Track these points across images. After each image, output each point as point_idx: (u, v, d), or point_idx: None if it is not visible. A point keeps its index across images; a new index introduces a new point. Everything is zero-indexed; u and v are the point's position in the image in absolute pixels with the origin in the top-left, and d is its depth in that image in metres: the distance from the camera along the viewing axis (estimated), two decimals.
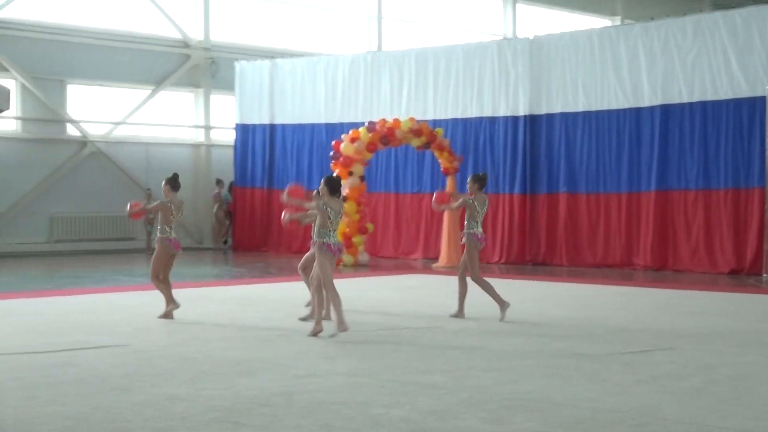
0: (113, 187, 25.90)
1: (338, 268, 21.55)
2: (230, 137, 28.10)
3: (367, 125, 22.36)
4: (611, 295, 15.96)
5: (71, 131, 26.16)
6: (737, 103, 19.83)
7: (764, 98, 19.28)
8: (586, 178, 21.67)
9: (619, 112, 21.23)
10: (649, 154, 20.88)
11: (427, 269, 21.13)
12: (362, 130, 22.19)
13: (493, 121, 22.95)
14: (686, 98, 20.39)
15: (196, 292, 16.22)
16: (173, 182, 12.84)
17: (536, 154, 22.36)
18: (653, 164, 20.78)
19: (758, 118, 19.49)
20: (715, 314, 13.36)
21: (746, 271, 19.49)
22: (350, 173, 22.03)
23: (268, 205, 26.39)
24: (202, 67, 28.04)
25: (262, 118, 26.96)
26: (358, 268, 21.63)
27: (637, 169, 21.04)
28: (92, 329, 11.60)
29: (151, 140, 27.29)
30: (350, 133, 22.41)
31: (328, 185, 11.32)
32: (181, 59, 27.91)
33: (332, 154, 22.50)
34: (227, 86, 27.93)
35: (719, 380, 8.53)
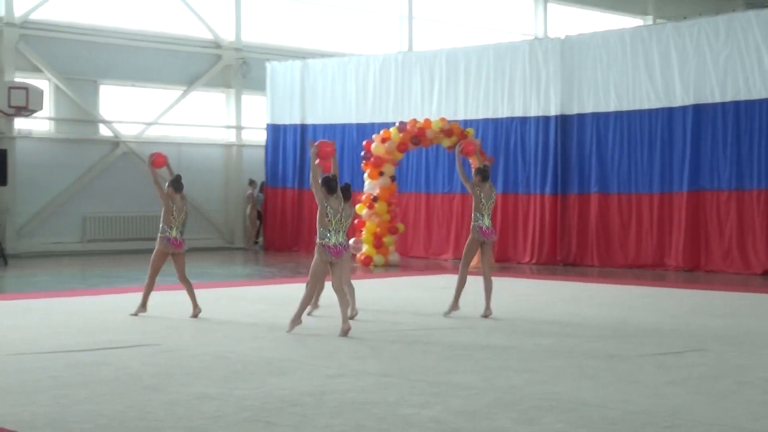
0: (145, 187, 25.71)
1: (369, 268, 21.62)
2: (261, 137, 28.17)
3: (398, 125, 22.36)
4: (643, 296, 15.86)
5: (104, 132, 26.32)
6: None
7: None
8: (617, 178, 21.55)
9: (651, 112, 21.09)
10: (681, 154, 20.75)
11: (457, 269, 21.01)
12: (393, 130, 22.20)
13: (524, 121, 22.88)
14: (719, 98, 20.23)
15: (227, 291, 16.33)
16: (175, 183, 13.14)
17: (567, 154, 22.26)
18: (685, 164, 20.64)
19: None
20: (747, 315, 13.26)
21: None
22: (381, 173, 22.06)
23: (298, 205, 26.45)
24: (233, 67, 28.14)
25: (293, 118, 27.00)
26: (388, 268, 21.64)
27: (669, 169, 20.91)
28: (124, 328, 11.68)
29: (182, 140, 27.40)
30: (381, 133, 22.44)
31: (324, 185, 11.29)
32: (212, 60, 28.02)
33: (363, 154, 22.53)
34: (258, 86, 28.01)
35: (752, 382, 8.46)
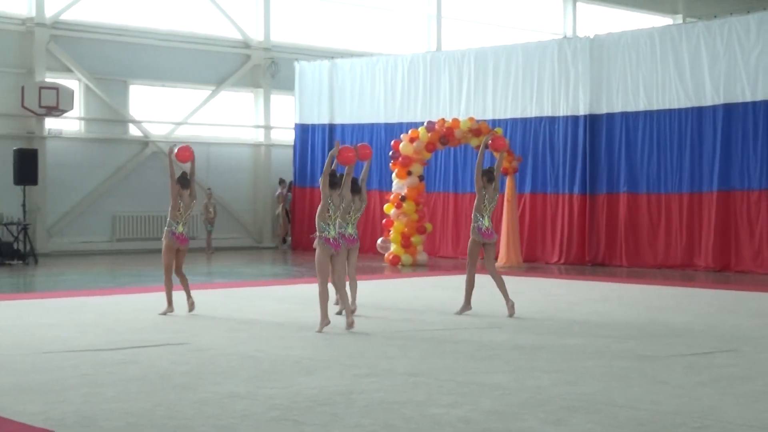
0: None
1: (397, 267, 21.62)
2: (290, 137, 28.22)
3: (426, 125, 22.34)
4: (672, 296, 15.76)
5: (133, 131, 26.46)
6: None
7: None
8: (646, 178, 21.45)
9: (680, 111, 20.97)
10: (711, 153, 20.62)
11: (485, 269, 20.96)
12: (421, 129, 22.19)
13: (552, 120, 22.81)
14: (749, 97, 20.11)
15: (255, 291, 16.39)
16: (182, 180, 13.36)
17: (596, 154, 22.17)
18: (715, 164, 20.52)
19: None
20: None
21: None
22: (409, 173, 22.05)
23: None
24: (262, 67, 28.21)
25: (321, 118, 27.03)
26: (416, 267, 21.63)
27: (698, 169, 20.79)
28: (153, 327, 11.72)
29: (211, 140, 27.52)
30: (409, 132, 22.44)
31: (323, 179, 11.46)
32: (241, 60, 28.11)
33: (391, 153, 22.52)
34: (287, 86, 28.06)
35: None
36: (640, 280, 18.58)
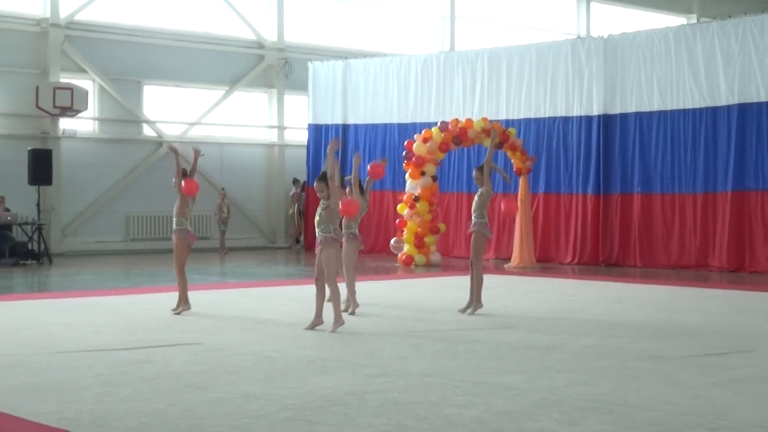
0: None
1: (410, 267, 21.62)
2: (303, 137, 28.25)
3: (439, 125, 22.34)
4: (686, 296, 15.71)
5: (147, 131, 26.52)
6: None
7: None
8: (660, 178, 21.39)
9: (694, 111, 20.91)
10: (725, 153, 20.56)
11: (499, 269, 21.03)
12: (435, 129, 22.18)
13: (566, 120, 22.77)
14: (764, 97, 20.04)
15: (269, 291, 16.37)
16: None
17: (610, 154, 22.12)
18: (730, 164, 20.45)
19: None
20: None
21: None
22: (422, 173, 22.04)
23: None
24: (275, 67, 28.24)
25: (334, 118, 27.04)
26: (429, 268, 21.62)
27: (713, 169, 20.72)
28: (167, 327, 11.72)
29: (225, 140, 27.56)
30: (423, 132, 22.44)
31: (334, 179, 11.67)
32: (255, 60, 28.14)
33: (405, 153, 22.53)
34: (300, 86, 28.09)
35: None
36: (653, 280, 18.51)
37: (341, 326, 11.36)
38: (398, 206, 22.70)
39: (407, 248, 22.13)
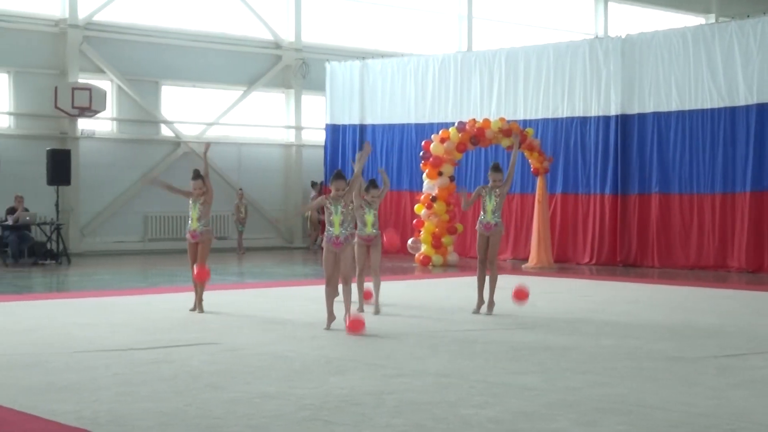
0: None
1: (428, 268, 21.60)
2: (320, 137, 28.26)
3: (457, 125, 22.31)
4: (704, 297, 15.63)
5: (165, 132, 26.59)
6: None
7: None
8: (679, 178, 21.31)
9: (713, 111, 20.83)
10: (744, 154, 20.47)
11: (516, 270, 20.99)
12: (452, 130, 22.15)
13: (584, 121, 22.71)
14: None
15: (286, 291, 16.38)
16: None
17: (628, 154, 22.05)
18: (748, 164, 20.36)
19: None
20: None
21: None
22: (440, 173, 22.01)
23: None
24: (293, 67, 28.27)
25: (352, 118, 27.04)
26: (447, 268, 21.59)
27: (731, 169, 20.64)
28: (184, 327, 11.73)
29: (242, 141, 27.61)
30: (440, 133, 22.41)
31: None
32: (272, 60, 28.18)
33: (422, 154, 22.50)
34: (318, 87, 28.10)
35: None
36: (672, 281, 18.46)
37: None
38: (415, 206, 22.69)
39: (424, 248, 22.11)
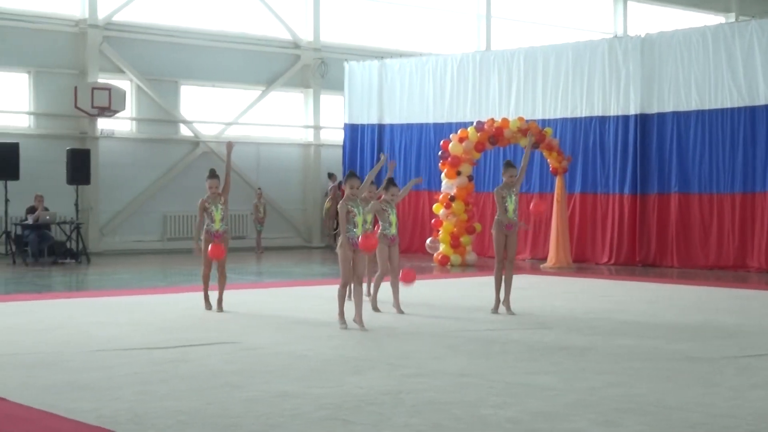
0: None
1: (446, 267, 21.57)
2: (339, 137, 28.23)
3: (475, 125, 22.25)
4: (724, 297, 15.54)
5: (184, 131, 26.65)
6: None
7: None
8: (698, 178, 21.21)
9: (733, 110, 20.71)
10: (764, 153, 20.34)
11: (535, 269, 20.93)
12: (471, 129, 22.09)
13: (603, 120, 22.62)
14: None
15: (305, 290, 16.38)
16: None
17: (647, 153, 21.94)
18: None
19: None
20: None
21: None
22: (458, 173, 21.96)
23: None
24: (312, 67, 28.28)
25: (370, 117, 27.00)
26: (465, 268, 21.52)
27: (751, 168, 20.52)
28: (203, 326, 11.75)
29: (261, 140, 27.64)
30: (459, 132, 22.34)
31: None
32: (291, 60, 28.20)
33: (440, 153, 22.45)
34: (336, 86, 28.09)
35: None
36: (691, 281, 18.37)
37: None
38: (434, 206, 22.63)
39: (443, 248, 22.06)
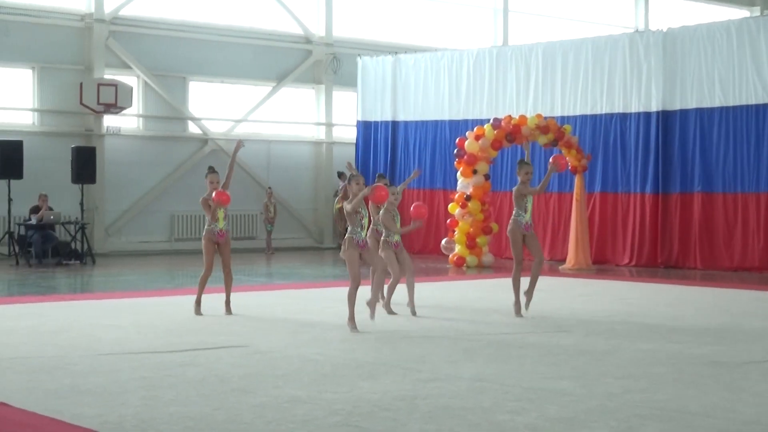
0: (234, 185, 25.47)
1: (462, 269, 21.30)
2: (352, 134, 27.97)
3: (492, 122, 21.98)
4: (749, 300, 15.31)
5: (192, 129, 26.38)
6: None
7: None
8: (722, 176, 20.87)
9: (758, 107, 20.36)
10: None
11: (554, 271, 20.64)
12: (487, 126, 21.85)
13: (624, 117, 22.30)
14: None
15: (316, 292, 16.26)
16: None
17: (669, 151, 21.60)
18: None
19: None
20: None
21: None
22: (474, 171, 21.77)
23: None
24: (324, 63, 27.99)
25: (384, 114, 26.78)
26: (481, 269, 21.37)
27: None
28: (212, 329, 11.60)
29: (272, 138, 27.37)
30: (475, 130, 22.12)
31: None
32: (302, 55, 27.90)
33: (456, 151, 22.25)
34: (349, 82, 27.81)
35: None
36: (715, 283, 18.12)
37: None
38: (449, 206, 22.46)
39: (459, 249, 21.86)
